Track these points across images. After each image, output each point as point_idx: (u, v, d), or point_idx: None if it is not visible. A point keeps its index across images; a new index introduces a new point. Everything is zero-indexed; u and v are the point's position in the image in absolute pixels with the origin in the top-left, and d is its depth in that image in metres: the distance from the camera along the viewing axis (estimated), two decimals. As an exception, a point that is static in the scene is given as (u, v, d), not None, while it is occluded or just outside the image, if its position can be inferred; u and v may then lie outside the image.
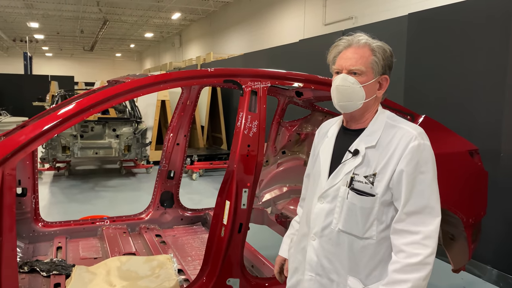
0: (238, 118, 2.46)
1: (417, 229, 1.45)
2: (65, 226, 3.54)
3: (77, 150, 7.45)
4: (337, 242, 1.56)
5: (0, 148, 1.99)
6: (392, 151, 1.49)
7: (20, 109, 17.90)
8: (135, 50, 39.63)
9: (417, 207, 1.46)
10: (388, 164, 1.49)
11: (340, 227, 1.54)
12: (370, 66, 1.53)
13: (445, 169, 2.94)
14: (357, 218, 1.51)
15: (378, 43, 1.58)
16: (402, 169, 1.46)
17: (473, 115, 4.00)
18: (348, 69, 1.53)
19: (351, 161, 1.55)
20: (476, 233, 3.11)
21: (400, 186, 1.46)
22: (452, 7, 4.31)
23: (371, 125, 1.57)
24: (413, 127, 1.54)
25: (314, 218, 1.61)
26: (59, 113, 2.14)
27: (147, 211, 3.87)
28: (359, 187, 1.51)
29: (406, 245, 1.45)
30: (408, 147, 1.46)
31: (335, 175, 1.58)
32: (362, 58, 1.53)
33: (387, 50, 1.58)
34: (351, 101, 1.53)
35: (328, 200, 1.58)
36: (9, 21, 24.65)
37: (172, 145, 3.84)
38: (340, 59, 1.57)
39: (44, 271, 2.83)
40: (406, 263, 1.44)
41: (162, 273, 2.75)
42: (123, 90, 2.23)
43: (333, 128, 1.72)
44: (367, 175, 1.50)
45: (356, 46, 1.56)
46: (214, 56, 13.67)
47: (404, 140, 1.48)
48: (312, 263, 1.62)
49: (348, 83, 1.52)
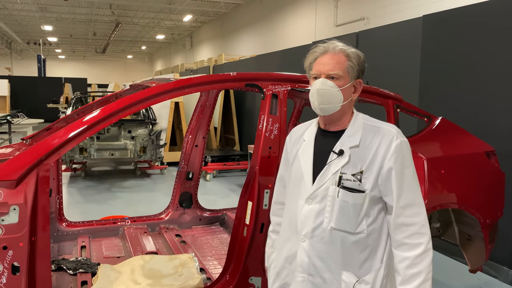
0: (259, 120, 2.53)
1: (413, 221, 1.58)
2: (88, 226, 3.64)
3: (93, 152, 7.58)
4: (329, 240, 1.61)
5: (35, 150, 2.09)
6: (375, 149, 1.60)
7: (35, 111, 18.23)
8: (146, 52, 39.97)
9: (409, 200, 1.59)
10: (373, 162, 1.60)
11: (332, 225, 1.60)
12: (346, 71, 1.63)
13: (462, 171, 2.99)
14: (350, 214, 1.60)
15: (352, 49, 1.66)
16: (391, 166, 1.58)
17: (490, 117, 4.02)
18: (327, 74, 1.62)
19: (337, 161, 1.63)
20: (493, 234, 3.14)
21: (390, 182, 1.58)
22: (468, 9, 4.33)
23: (351, 126, 1.67)
24: (390, 126, 1.67)
25: (303, 220, 1.65)
26: (90, 117, 2.22)
27: (166, 211, 3.96)
28: (349, 185, 1.59)
29: (407, 237, 1.58)
30: (393, 146, 1.59)
31: (322, 176, 1.64)
32: (339, 63, 1.62)
33: (361, 56, 1.68)
34: (331, 104, 1.62)
35: (317, 201, 1.63)
36: (23, 24, 25.05)
37: (191, 147, 3.92)
38: (318, 64, 1.65)
39: (71, 269, 2.92)
40: (414, 256, 1.56)
41: (185, 272, 2.83)
42: (150, 95, 2.31)
43: (309, 131, 1.78)
44: (355, 173, 1.60)
45: (332, 52, 1.64)
46: (225, 58, 13.75)
47: (386, 138, 1.61)
48: (303, 265, 1.66)
49: (327, 86, 1.60)
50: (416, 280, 1.55)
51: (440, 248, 4.50)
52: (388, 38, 5.35)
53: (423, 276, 1.55)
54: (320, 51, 1.66)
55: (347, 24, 12.30)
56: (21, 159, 2.05)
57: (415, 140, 2.95)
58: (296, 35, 15.00)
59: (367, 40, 5.68)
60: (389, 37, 5.33)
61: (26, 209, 2.00)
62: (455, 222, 3.25)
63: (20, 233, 2.00)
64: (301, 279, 1.66)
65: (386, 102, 2.92)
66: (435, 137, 3.06)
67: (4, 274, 1.98)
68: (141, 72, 41.04)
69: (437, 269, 4.10)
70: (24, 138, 3.47)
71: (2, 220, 1.97)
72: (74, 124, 2.19)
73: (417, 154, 2.82)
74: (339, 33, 11.60)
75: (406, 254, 1.57)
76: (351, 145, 1.63)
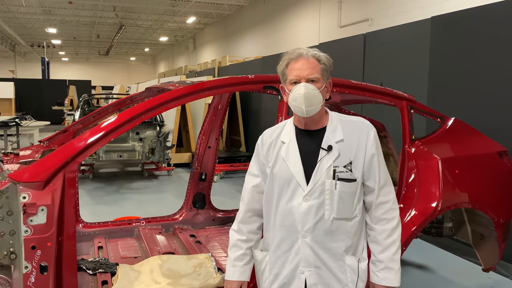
0: (277, 121, 2.57)
1: (387, 198, 1.82)
2: (103, 227, 3.69)
3: (102, 153, 7.64)
4: (330, 230, 1.74)
5: (61, 152, 2.14)
6: (357, 140, 1.78)
7: (40, 114, 18.23)
8: (149, 54, 40.10)
9: (384, 181, 1.82)
10: (358, 152, 1.77)
11: (334, 215, 1.74)
12: (322, 73, 1.76)
13: (475, 171, 3.02)
14: (347, 203, 1.76)
15: (322, 53, 1.79)
16: (373, 153, 1.79)
17: (501, 117, 4.05)
18: (307, 78, 1.73)
19: (328, 156, 1.75)
20: (506, 233, 3.17)
21: (373, 167, 1.79)
22: (476, 10, 4.36)
23: (330, 123, 1.82)
24: (361, 118, 1.88)
25: (303, 216, 1.74)
26: (112, 120, 2.27)
27: (180, 212, 4.01)
28: (343, 176, 1.74)
29: (384, 213, 1.81)
30: (371, 135, 1.80)
31: (316, 172, 1.74)
32: (315, 67, 1.74)
33: (330, 59, 1.81)
34: (314, 105, 1.73)
35: (315, 196, 1.73)
36: (27, 27, 25.19)
37: (204, 148, 3.97)
38: (295, 70, 1.75)
39: (90, 269, 2.97)
40: (390, 228, 1.81)
41: (203, 272, 2.87)
42: (171, 98, 2.36)
43: (286, 133, 1.86)
44: (345, 165, 1.75)
45: (306, 57, 1.76)
46: (229, 60, 13.80)
47: (363, 130, 1.80)
48: (309, 259, 1.75)
49: (310, 90, 1.71)
50: (393, 247, 1.80)
51: (451, 248, 4.53)
52: (395, 39, 5.39)
53: (398, 244, 1.81)
54: (294, 56, 1.77)
55: (351, 25, 12.35)
56: (48, 161, 2.10)
57: (429, 140, 2.99)
58: (300, 36, 15.04)
59: (375, 42, 5.72)
60: (397, 39, 5.37)
61: (54, 209, 2.05)
62: (468, 222, 3.28)
63: (48, 233, 2.05)
64: (309, 273, 1.75)
65: (400, 103, 2.96)
66: (448, 137, 3.09)
67: (32, 273, 2.03)
68: (144, 74, 41.13)
69: (449, 269, 4.13)
70: (41, 140, 3.52)
71: (31, 221, 2.02)
72: (97, 127, 2.24)
73: (431, 154, 2.86)
74: (343, 35, 11.64)
75: (384, 227, 1.81)
76: (337, 139, 1.77)
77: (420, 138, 2.98)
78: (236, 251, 1.94)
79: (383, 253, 1.80)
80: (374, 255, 1.83)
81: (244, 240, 1.94)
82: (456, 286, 3.79)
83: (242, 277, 1.92)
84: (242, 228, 1.95)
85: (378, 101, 3.07)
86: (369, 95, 2.89)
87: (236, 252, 1.93)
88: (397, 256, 1.81)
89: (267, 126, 1.95)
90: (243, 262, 1.93)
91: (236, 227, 1.97)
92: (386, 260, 1.79)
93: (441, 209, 2.73)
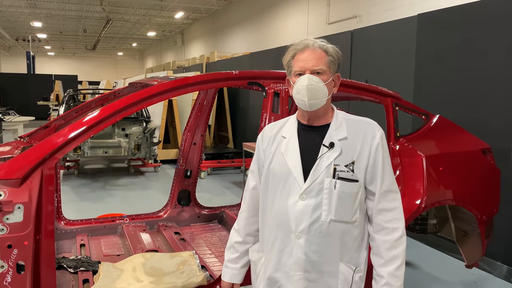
0: (262, 119, 2.55)
1: (391, 206, 1.67)
2: (86, 224, 3.63)
3: (87, 149, 7.54)
4: (327, 233, 1.62)
5: (39, 149, 2.08)
6: (362, 140, 1.66)
7: (25, 109, 17.99)
8: (137, 49, 39.70)
9: (388, 186, 1.67)
10: (362, 152, 1.65)
11: (332, 217, 1.61)
12: (328, 65, 1.65)
13: (459, 167, 3.04)
14: (347, 204, 1.63)
15: (330, 45, 1.69)
16: (378, 155, 1.66)
17: (485, 115, 4.09)
18: (311, 70, 1.63)
19: (328, 154, 1.64)
20: (489, 230, 3.20)
21: (377, 170, 1.66)
22: (462, 8, 4.38)
23: (335, 120, 1.71)
24: (368, 119, 1.75)
25: (298, 216, 1.63)
26: (93, 115, 2.22)
27: (165, 209, 3.96)
28: (344, 176, 1.62)
29: (387, 222, 1.66)
30: (377, 136, 1.68)
31: (315, 169, 1.63)
32: (321, 59, 1.64)
33: (338, 51, 1.70)
34: (318, 99, 1.63)
35: (313, 195, 1.62)
36: (12, 20, 24.72)
37: (189, 145, 3.93)
38: (300, 61, 1.66)
39: (71, 268, 2.92)
40: (393, 239, 1.65)
41: (186, 269, 2.84)
42: (153, 93, 2.32)
43: (288, 128, 1.76)
44: (347, 164, 1.63)
45: (312, 48, 1.66)
46: (218, 55, 13.72)
47: (370, 130, 1.69)
48: (300, 262, 1.64)
49: (314, 82, 1.61)
50: (396, 262, 1.64)
51: (435, 244, 4.57)
52: (382, 36, 5.40)
53: (401, 259, 1.65)
54: (300, 47, 1.67)
55: (339, 22, 12.35)
56: (25, 157, 2.05)
57: (414, 138, 2.99)
58: (288, 32, 15.02)
59: (362, 39, 5.72)
60: (384, 36, 5.38)
61: (31, 207, 2.00)
62: (451, 218, 3.30)
63: (25, 231, 1.99)
64: (298, 277, 1.65)
65: (385, 100, 2.95)
66: (433, 135, 3.10)
67: (9, 272, 1.98)
68: (131, 69, 40.75)
69: (433, 265, 4.17)
70: (21, 136, 3.44)
71: (7, 219, 1.96)
72: (78, 122, 2.19)
73: (416, 151, 2.86)
74: (332, 31, 11.65)
75: (386, 238, 1.65)
76: (340, 137, 1.66)
77: (404, 135, 2.98)
78: (232, 253, 1.90)
79: (384, 267, 1.65)
80: (375, 268, 1.69)
81: (240, 242, 1.89)
82: (440, 281, 3.82)
83: (233, 279, 1.89)
84: (241, 228, 1.90)
85: (363, 98, 3.06)
86: (355, 92, 2.88)
87: (231, 254, 1.90)
88: (399, 272, 1.64)
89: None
90: (236, 264, 1.89)
91: (237, 226, 1.92)
92: (387, 276, 1.64)
93: (425, 206, 2.73)
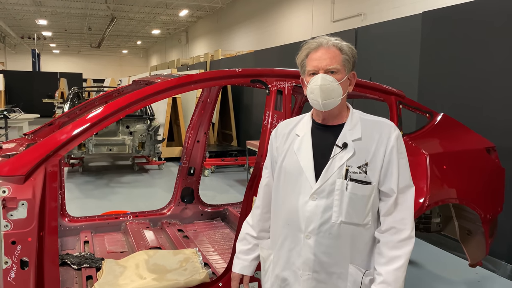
0: (265, 116, 2.54)
1: (404, 206, 1.64)
2: (90, 221, 3.65)
3: (91, 147, 7.57)
4: (337, 235, 1.60)
5: (43, 146, 2.09)
6: (377, 141, 1.63)
7: (30, 106, 18.07)
8: (141, 47, 39.78)
9: (402, 187, 1.63)
10: (376, 153, 1.62)
11: (342, 219, 1.59)
12: (343, 64, 1.62)
13: (463, 166, 3.02)
14: (359, 207, 1.60)
15: (344, 42, 1.66)
16: (393, 156, 1.62)
17: (490, 113, 4.06)
18: (325, 69, 1.60)
19: (341, 154, 1.61)
20: (493, 229, 3.18)
21: (391, 171, 1.62)
22: (468, 6, 4.35)
23: (350, 119, 1.68)
24: (384, 119, 1.70)
25: (309, 216, 1.61)
26: (96, 112, 2.23)
27: (168, 206, 3.98)
28: (356, 177, 1.59)
29: (395, 222, 1.63)
30: (393, 137, 1.63)
31: (327, 170, 1.61)
32: (335, 57, 1.61)
33: (353, 48, 1.67)
34: (332, 98, 1.60)
35: (324, 196, 1.60)
36: (17, 18, 24.84)
37: (193, 143, 3.93)
38: (313, 60, 1.63)
39: (75, 264, 2.93)
40: (398, 239, 1.62)
41: (189, 267, 2.84)
42: (156, 90, 2.32)
43: (302, 126, 1.74)
44: (360, 166, 1.60)
45: (326, 47, 1.63)
46: (222, 53, 13.71)
47: (385, 131, 1.64)
48: (309, 262, 1.63)
49: (328, 81, 1.59)
50: (397, 262, 1.60)
51: (439, 243, 4.55)
52: (387, 34, 5.37)
53: (403, 260, 1.61)
54: (313, 46, 1.64)
55: (344, 20, 12.32)
56: (29, 154, 2.06)
57: (418, 136, 2.98)
58: (292, 30, 14.99)
59: (366, 37, 5.70)
60: (388, 34, 5.35)
61: (35, 204, 2.01)
62: (455, 217, 3.29)
63: (29, 228, 2.01)
64: (306, 277, 1.64)
65: (389, 99, 2.94)
66: (436, 133, 3.09)
67: (12, 269, 1.99)
68: (136, 67, 40.83)
69: (436, 264, 4.15)
70: (26, 133, 3.46)
71: (11, 215, 1.97)
72: (81, 119, 2.20)
73: (419, 150, 2.85)
74: (336, 29, 11.61)
75: (392, 238, 1.62)
76: (354, 138, 1.63)
77: (408, 133, 2.97)
78: (244, 244, 1.91)
79: (384, 266, 1.61)
80: (375, 267, 1.64)
81: (254, 237, 1.89)
82: (443, 280, 3.81)
83: (244, 270, 1.89)
84: (255, 224, 1.90)
85: (367, 96, 3.05)
86: (359, 90, 2.87)
87: (243, 245, 1.91)
88: (399, 273, 1.59)
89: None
90: (248, 256, 1.89)
91: (251, 221, 1.92)
92: (385, 274, 1.59)
93: (429, 205, 2.72)
